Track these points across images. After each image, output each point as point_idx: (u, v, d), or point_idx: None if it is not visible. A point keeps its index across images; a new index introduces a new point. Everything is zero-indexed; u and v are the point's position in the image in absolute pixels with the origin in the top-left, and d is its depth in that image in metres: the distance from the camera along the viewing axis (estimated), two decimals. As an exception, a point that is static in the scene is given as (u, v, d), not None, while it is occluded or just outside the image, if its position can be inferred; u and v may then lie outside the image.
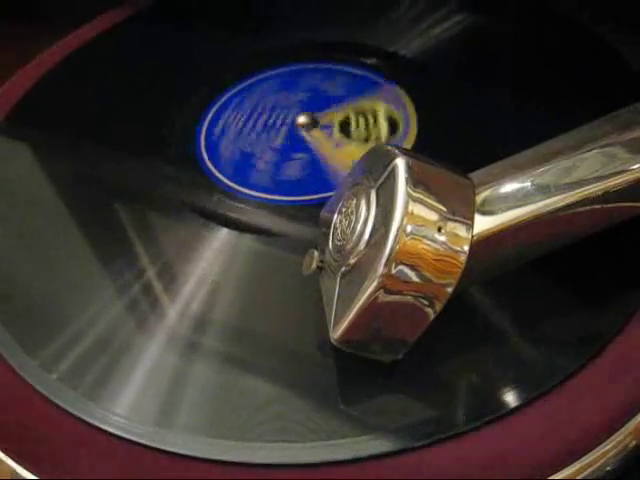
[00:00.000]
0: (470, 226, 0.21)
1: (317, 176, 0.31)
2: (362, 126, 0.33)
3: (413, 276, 0.20)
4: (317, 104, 0.35)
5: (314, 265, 0.24)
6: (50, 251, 0.30)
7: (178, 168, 0.32)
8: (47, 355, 0.25)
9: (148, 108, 0.36)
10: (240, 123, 0.34)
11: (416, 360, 0.23)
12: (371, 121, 0.33)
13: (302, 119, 0.34)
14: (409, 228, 0.20)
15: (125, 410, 0.23)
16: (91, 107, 0.37)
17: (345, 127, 0.33)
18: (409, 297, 0.21)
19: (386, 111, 0.34)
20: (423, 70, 0.35)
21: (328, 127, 0.33)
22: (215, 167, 0.32)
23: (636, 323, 0.24)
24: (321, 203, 0.27)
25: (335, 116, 0.34)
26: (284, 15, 0.41)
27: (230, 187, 0.31)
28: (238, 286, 0.27)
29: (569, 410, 0.22)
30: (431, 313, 0.21)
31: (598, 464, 0.22)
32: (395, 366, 0.23)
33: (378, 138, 0.33)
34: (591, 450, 0.22)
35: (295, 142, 0.33)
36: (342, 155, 0.32)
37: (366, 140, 0.33)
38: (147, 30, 0.41)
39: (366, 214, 0.22)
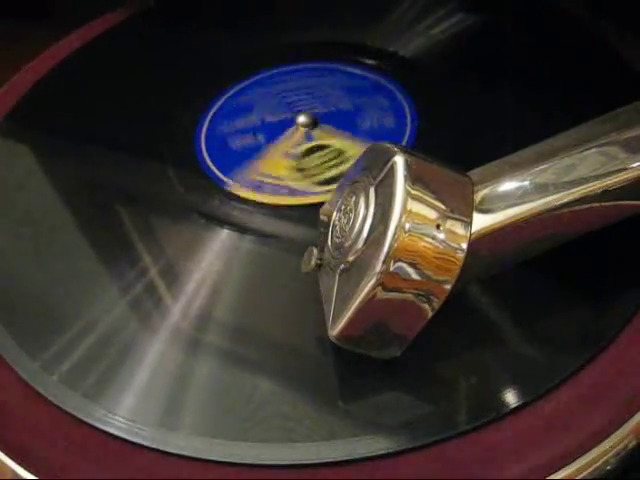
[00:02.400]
0: (468, 224, 0.21)
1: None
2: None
3: (411, 273, 0.20)
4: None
5: (313, 262, 0.24)
6: (51, 251, 0.30)
7: (179, 169, 0.32)
8: (48, 356, 0.25)
9: (148, 108, 0.36)
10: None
11: (416, 360, 0.23)
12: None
13: (302, 119, 0.34)
14: (407, 226, 0.20)
15: (126, 411, 0.23)
16: (91, 107, 0.37)
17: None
18: (407, 294, 0.21)
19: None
20: (423, 70, 0.35)
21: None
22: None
23: (636, 323, 0.24)
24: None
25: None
26: (284, 15, 0.41)
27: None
28: (240, 286, 0.27)
29: (569, 410, 0.22)
30: (429, 310, 0.21)
31: (598, 464, 0.22)
32: (395, 366, 0.23)
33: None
34: (591, 450, 0.22)
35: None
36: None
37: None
38: (147, 30, 0.41)
39: (365, 212, 0.22)
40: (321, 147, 0.33)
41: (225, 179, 0.32)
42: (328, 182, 0.31)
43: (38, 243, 0.30)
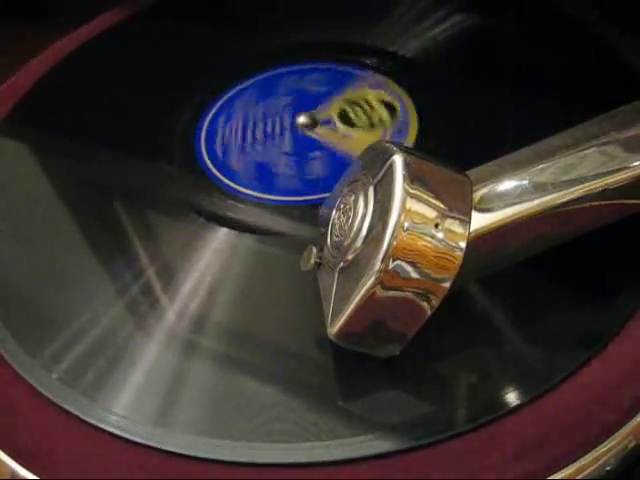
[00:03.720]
0: (467, 223, 0.21)
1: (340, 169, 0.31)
2: (361, 113, 0.33)
3: (410, 272, 0.21)
4: (317, 104, 0.35)
5: (312, 261, 0.24)
6: (50, 251, 0.30)
7: (178, 168, 0.32)
8: (47, 355, 0.25)
9: (148, 108, 0.36)
10: (241, 123, 0.34)
11: (416, 360, 0.23)
12: (366, 107, 0.33)
13: (302, 119, 0.34)
14: (406, 224, 0.20)
15: (125, 410, 0.23)
16: (91, 107, 0.37)
17: (345, 118, 0.33)
18: (406, 293, 0.21)
19: (376, 95, 0.34)
20: (423, 70, 0.35)
21: (328, 122, 0.34)
22: (215, 167, 0.32)
23: (636, 323, 0.24)
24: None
25: (330, 110, 0.34)
26: (283, 16, 0.41)
27: (231, 187, 0.31)
28: (237, 286, 0.27)
29: (569, 410, 0.22)
30: (428, 309, 0.21)
31: (598, 464, 0.22)
32: (395, 366, 0.23)
33: (381, 120, 0.33)
34: (591, 450, 0.21)
35: (304, 141, 0.33)
36: (353, 143, 0.32)
37: (371, 125, 0.33)
38: (147, 30, 0.42)
39: (364, 210, 0.22)
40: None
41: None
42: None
43: (37, 242, 0.30)
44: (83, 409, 0.24)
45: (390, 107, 0.33)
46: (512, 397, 0.22)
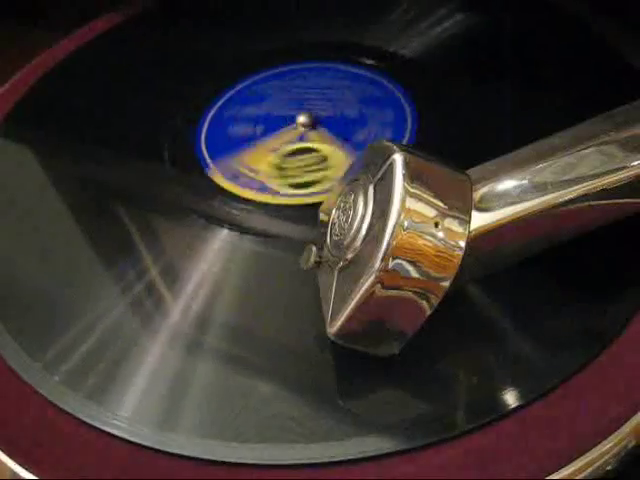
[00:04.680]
0: (467, 222, 0.21)
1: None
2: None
3: (410, 271, 0.21)
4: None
5: (312, 260, 0.24)
6: (51, 252, 0.30)
7: (179, 169, 0.32)
8: (49, 357, 0.25)
9: (148, 108, 0.36)
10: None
11: (416, 360, 0.23)
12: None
13: (302, 119, 0.34)
14: (406, 223, 0.20)
15: (127, 412, 0.23)
16: (91, 107, 0.37)
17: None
18: (406, 292, 0.21)
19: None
20: (423, 70, 0.35)
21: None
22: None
23: (636, 323, 0.24)
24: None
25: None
26: (283, 15, 0.41)
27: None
28: (239, 286, 0.27)
29: (569, 410, 0.22)
30: (427, 308, 0.21)
31: (598, 464, 0.22)
32: (395, 366, 0.23)
33: None
34: (591, 450, 0.21)
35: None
36: None
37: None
38: (147, 31, 0.42)
39: (364, 209, 0.22)
40: (308, 150, 0.33)
41: (210, 165, 0.32)
42: (301, 186, 0.31)
43: (39, 244, 0.30)
44: (85, 411, 0.24)
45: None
46: (512, 397, 0.22)
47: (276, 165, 0.32)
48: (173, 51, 0.39)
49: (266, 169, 0.32)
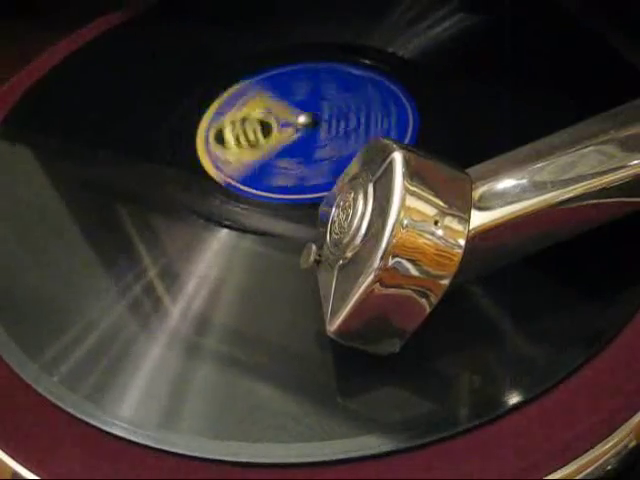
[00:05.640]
0: (466, 220, 0.21)
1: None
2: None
3: (409, 269, 0.21)
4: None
5: (312, 259, 0.24)
6: (50, 252, 0.30)
7: (178, 169, 0.32)
8: (48, 357, 0.25)
9: (148, 109, 0.36)
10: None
11: (416, 358, 0.23)
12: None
13: (302, 119, 0.34)
14: (405, 221, 0.20)
15: (126, 412, 0.23)
16: (91, 108, 0.37)
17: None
18: (405, 290, 0.21)
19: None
20: (423, 70, 0.35)
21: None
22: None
23: (636, 323, 0.24)
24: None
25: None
26: (284, 16, 0.41)
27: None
28: (239, 287, 0.27)
29: (569, 409, 0.22)
30: (427, 306, 0.21)
31: (598, 464, 0.22)
32: (395, 365, 0.23)
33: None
34: (591, 450, 0.21)
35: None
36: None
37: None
38: (146, 31, 0.42)
39: (363, 208, 0.22)
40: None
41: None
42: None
43: (38, 244, 0.30)
44: (84, 411, 0.24)
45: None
46: (512, 396, 0.22)
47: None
48: (173, 51, 0.39)
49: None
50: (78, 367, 0.25)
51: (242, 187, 0.31)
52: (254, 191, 0.31)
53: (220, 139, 0.33)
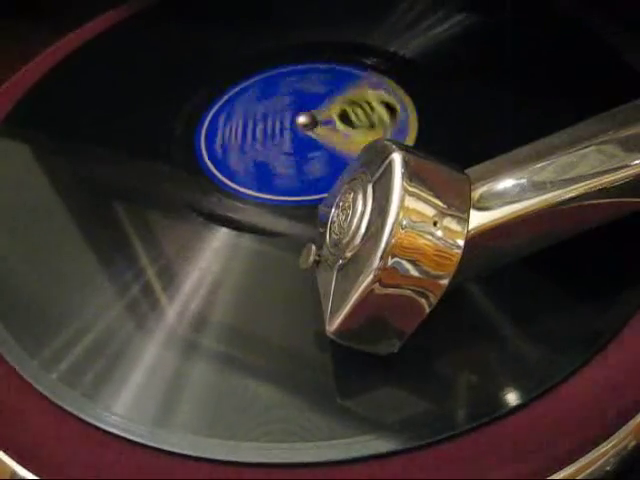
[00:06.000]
0: (465, 221, 0.21)
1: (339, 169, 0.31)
2: (361, 114, 0.33)
3: (408, 269, 0.21)
4: (317, 104, 0.35)
5: (311, 259, 0.24)
6: (50, 251, 0.30)
7: (178, 168, 0.32)
8: (46, 355, 0.25)
9: (148, 108, 0.36)
10: (241, 123, 0.34)
11: (416, 359, 0.23)
12: (367, 107, 0.34)
13: (302, 119, 0.34)
14: (405, 222, 0.20)
15: (124, 410, 0.23)
16: (91, 107, 0.37)
17: (346, 118, 0.34)
18: (405, 290, 0.21)
19: (377, 96, 0.34)
20: (423, 70, 0.35)
21: (329, 122, 0.34)
22: (215, 167, 0.32)
23: (636, 323, 0.24)
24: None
25: (331, 110, 0.34)
26: (283, 16, 0.41)
27: (231, 187, 0.31)
28: (237, 286, 0.27)
29: (569, 410, 0.22)
30: (426, 306, 0.21)
31: (598, 464, 0.22)
32: (395, 366, 0.23)
33: (381, 120, 0.33)
34: (591, 450, 0.21)
35: (304, 141, 0.33)
36: (353, 144, 0.32)
37: (371, 126, 0.33)
38: (146, 31, 0.42)
39: (362, 208, 0.22)
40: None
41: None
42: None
43: (37, 242, 0.30)
44: (82, 409, 0.24)
45: (390, 108, 0.34)
46: (512, 397, 0.22)
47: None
48: (172, 51, 0.39)
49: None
50: (77, 365, 0.25)
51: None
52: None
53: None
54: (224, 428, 0.23)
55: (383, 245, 0.20)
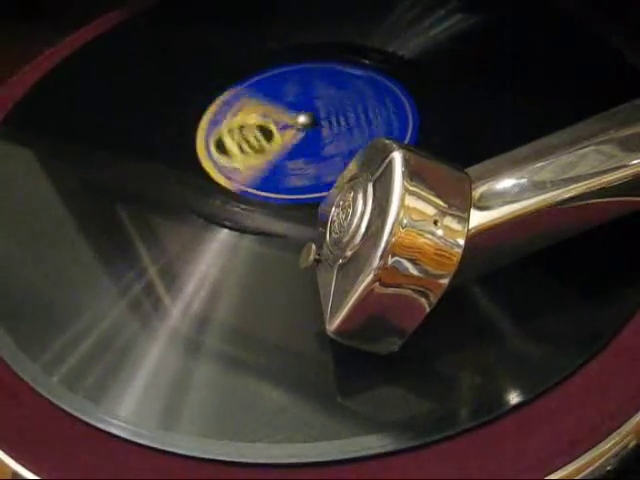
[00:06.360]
0: (466, 220, 0.21)
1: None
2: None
3: (409, 269, 0.21)
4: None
5: (311, 258, 0.24)
6: (51, 253, 0.30)
7: (179, 169, 0.32)
8: (48, 357, 0.25)
9: (148, 109, 0.36)
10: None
11: (416, 359, 0.23)
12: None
13: (302, 119, 0.34)
14: (405, 221, 0.20)
15: (126, 412, 0.23)
16: (91, 108, 0.37)
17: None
18: (405, 289, 0.21)
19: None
20: (423, 70, 0.36)
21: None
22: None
23: (636, 322, 0.24)
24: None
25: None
26: (284, 16, 0.41)
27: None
28: (240, 287, 0.27)
29: (569, 409, 0.22)
30: (427, 305, 0.21)
31: (598, 464, 0.22)
32: (395, 365, 0.23)
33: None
34: (591, 450, 0.21)
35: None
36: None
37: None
38: (146, 32, 0.42)
39: (363, 207, 0.22)
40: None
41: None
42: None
43: (38, 244, 0.30)
44: (84, 411, 0.24)
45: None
46: (512, 396, 0.22)
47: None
48: (172, 51, 0.39)
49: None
50: (78, 367, 0.25)
51: (259, 192, 0.31)
52: (272, 195, 0.31)
53: (222, 149, 0.33)
54: (226, 428, 0.23)
55: (383, 244, 0.20)
